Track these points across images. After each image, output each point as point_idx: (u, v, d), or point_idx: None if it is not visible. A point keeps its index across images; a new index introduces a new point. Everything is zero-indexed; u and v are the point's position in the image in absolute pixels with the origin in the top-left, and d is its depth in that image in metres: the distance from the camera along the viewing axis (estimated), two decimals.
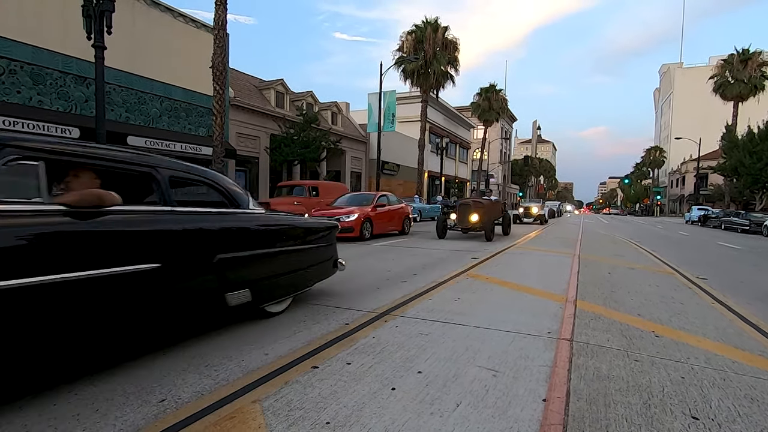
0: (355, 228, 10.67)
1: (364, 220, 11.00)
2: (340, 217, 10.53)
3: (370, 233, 11.33)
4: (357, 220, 10.80)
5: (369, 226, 11.27)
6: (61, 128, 12.01)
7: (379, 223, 11.85)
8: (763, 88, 35.38)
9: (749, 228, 22.55)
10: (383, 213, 12.26)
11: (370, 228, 11.29)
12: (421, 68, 26.93)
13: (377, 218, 11.78)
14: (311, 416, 2.15)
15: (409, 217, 13.94)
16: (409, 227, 13.97)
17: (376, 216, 11.72)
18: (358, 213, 10.98)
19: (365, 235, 11.05)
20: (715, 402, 2.44)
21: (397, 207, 13.31)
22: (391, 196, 13.64)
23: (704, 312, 4.63)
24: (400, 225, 13.27)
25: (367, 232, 11.16)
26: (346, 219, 10.60)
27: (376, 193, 12.92)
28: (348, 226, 10.55)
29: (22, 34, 11.79)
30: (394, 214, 12.95)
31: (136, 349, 2.99)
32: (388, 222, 12.55)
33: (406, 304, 4.48)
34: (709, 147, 47.35)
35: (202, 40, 16.43)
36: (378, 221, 11.80)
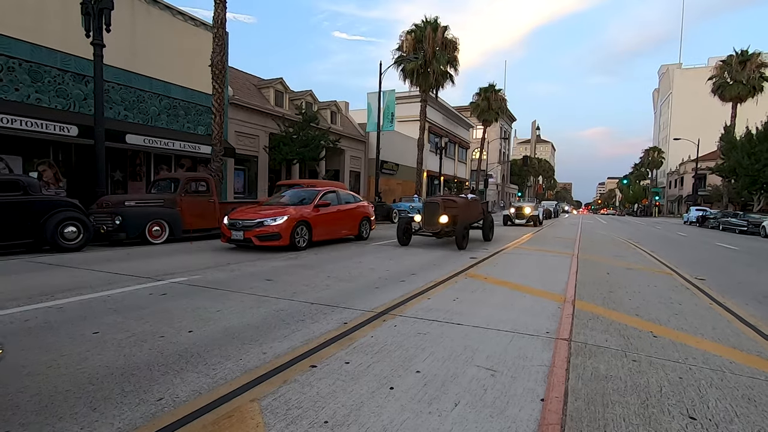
0: (282, 234, 8.36)
1: (297, 223, 8.68)
2: (264, 220, 8.43)
3: (308, 240, 9.00)
4: (286, 224, 8.45)
5: (306, 231, 8.94)
6: (60, 126, 11.97)
7: (323, 227, 9.58)
8: (762, 89, 35.44)
9: (747, 229, 22.60)
10: (329, 214, 9.86)
11: (307, 234, 8.98)
12: (421, 68, 26.90)
13: (320, 221, 9.46)
14: (309, 415, 2.15)
15: (369, 219, 11.62)
16: (369, 231, 11.66)
17: (318, 218, 9.38)
18: (288, 215, 8.60)
19: (299, 244, 8.74)
20: (712, 402, 2.45)
21: (351, 206, 10.93)
22: (344, 193, 11.17)
23: (702, 312, 4.64)
24: (355, 228, 11.00)
25: (303, 239, 8.86)
26: (271, 223, 8.38)
27: (320, 189, 10.33)
28: (272, 232, 8.32)
29: (21, 31, 11.75)
30: (345, 215, 10.58)
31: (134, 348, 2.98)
32: (338, 225, 10.30)
33: (404, 304, 4.48)
34: (707, 148, 47.44)
35: (202, 39, 16.40)
36: (321, 225, 9.51)
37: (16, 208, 7.51)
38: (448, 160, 42.44)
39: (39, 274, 5.81)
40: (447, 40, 27.58)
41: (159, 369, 2.69)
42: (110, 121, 13.07)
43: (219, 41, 13.03)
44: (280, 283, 5.47)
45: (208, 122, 16.48)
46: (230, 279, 5.66)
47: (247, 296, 4.69)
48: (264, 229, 8.35)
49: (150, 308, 4.11)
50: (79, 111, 13.08)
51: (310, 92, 24.72)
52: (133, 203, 9.85)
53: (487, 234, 11.75)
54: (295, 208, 9.06)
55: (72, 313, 3.91)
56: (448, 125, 42.46)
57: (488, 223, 11.85)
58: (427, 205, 10.32)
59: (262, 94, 22.41)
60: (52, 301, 4.28)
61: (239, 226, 8.50)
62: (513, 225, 20.02)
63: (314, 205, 9.46)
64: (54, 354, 2.89)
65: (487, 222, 11.82)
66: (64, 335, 3.28)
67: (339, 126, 27.20)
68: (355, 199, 11.42)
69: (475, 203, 11.63)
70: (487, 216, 12.01)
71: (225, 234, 8.71)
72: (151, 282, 5.33)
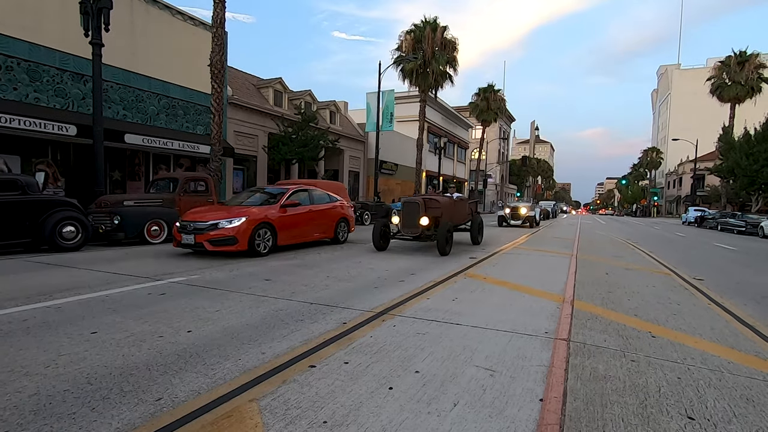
0: (239, 238, 7.38)
1: (258, 226, 7.69)
2: (219, 222, 7.42)
3: (272, 245, 8.03)
4: (244, 226, 7.45)
5: (269, 234, 7.97)
6: (58, 125, 11.96)
7: (290, 230, 8.58)
8: (760, 90, 35.52)
9: (745, 229, 22.65)
10: (299, 215, 8.84)
11: (271, 238, 8.00)
12: (420, 68, 26.91)
13: (288, 223, 8.47)
14: (308, 415, 2.15)
15: (346, 220, 10.58)
16: (347, 234, 10.64)
17: (284, 219, 8.38)
18: (247, 216, 7.62)
19: (261, 249, 7.77)
20: (711, 402, 2.45)
21: (325, 206, 9.89)
22: (318, 192, 10.08)
23: (701, 313, 4.65)
24: (330, 231, 9.98)
25: (266, 243, 7.88)
26: (227, 225, 7.38)
27: (288, 188, 9.23)
28: (227, 236, 7.33)
29: (19, 30, 11.73)
30: (319, 216, 9.57)
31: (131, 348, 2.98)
32: (310, 227, 9.28)
33: (403, 304, 4.48)
34: (706, 148, 47.56)
35: (201, 38, 16.39)
36: (289, 227, 8.50)
37: (14, 207, 7.49)
38: (447, 160, 42.48)
39: (37, 273, 5.80)
40: (446, 40, 27.59)
41: (158, 369, 2.68)
42: (109, 121, 13.05)
43: (218, 41, 13.01)
44: (279, 283, 5.46)
45: (207, 122, 16.47)
46: (229, 279, 5.66)
47: (246, 296, 4.68)
48: (218, 232, 7.34)
49: (149, 308, 4.11)
50: (78, 110, 13.07)
51: (309, 92, 24.71)
52: (131, 203, 9.84)
53: (475, 236, 10.78)
54: (259, 209, 8.08)
55: (70, 312, 3.90)
56: (447, 125, 42.49)
57: (477, 224, 10.85)
58: (405, 206, 9.09)
59: (261, 94, 22.39)
60: (50, 301, 4.27)
61: (190, 228, 7.49)
62: (509, 226, 19.19)
63: (280, 205, 8.42)
64: (52, 354, 2.89)
65: (476, 223, 10.84)
66: (63, 335, 3.27)
67: (338, 126, 27.19)
68: (331, 198, 10.40)
69: (462, 203, 10.70)
70: (475, 217, 11.05)
71: (176, 238, 7.73)
72: (149, 282, 5.33)
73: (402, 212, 9.09)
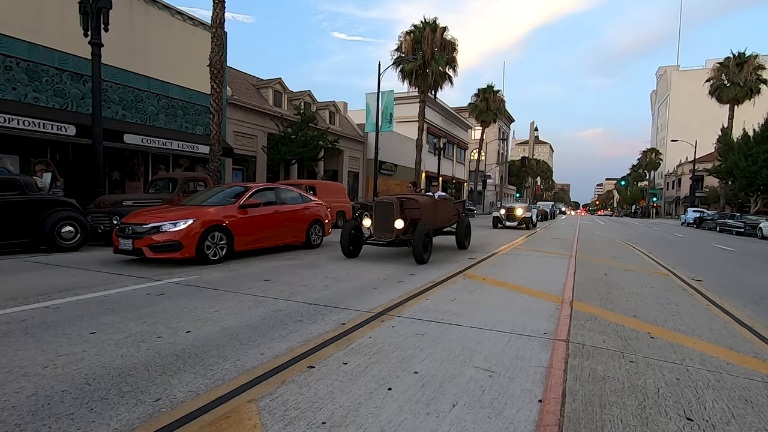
0: (185, 243, 6.48)
1: (209, 229, 6.80)
2: (162, 224, 6.55)
3: (226, 251, 7.13)
4: (190, 230, 6.57)
5: (223, 239, 7.09)
6: (57, 125, 11.95)
7: (251, 234, 7.68)
8: (759, 91, 35.59)
9: (744, 230, 22.69)
10: (262, 217, 7.91)
11: (226, 242, 7.13)
12: (419, 68, 26.93)
13: (247, 225, 7.57)
14: (307, 416, 2.15)
15: (321, 222, 9.65)
16: (321, 237, 9.70)
17: (244, 222, 7.49)
18: (196, 217, 6.74)
19: (213, 255, 6.87)
20: (709, 403, 2.46)
21: (295, 207, 8.99)
22: (287, 191, 9.15)
23: (699, 314, 4.65)
24: (301, 234, 9.05)
25: (219, 249, 7.00)
26: (170, 228, 6.51)
27: (250, 186, 8.33)
28: (169, 241, 6.45)
29: (18, 30, 11.72)
30: (287, 217, 8.64)
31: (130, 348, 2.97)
32: (276, 230, 8.30)
33: (402, 304, 4.48)
34: (705, 149, 47.62)
35: (200, 38, 16.38)
36: (249, 230, 7.61)
37: (13, 207, 7.48)
38: (447, 160, 42.51)
39: (36, 273, 5.79)
40: (446, 41, 27.63)
41: (156, 369, 2.68)
42: (108, 121, 13.04)
43: (217, 41, 13.01)
44: (278, 283, 5.46)
45: (207, 122, 16.46)
46: (228, 279, 5.65)
47: (244, 297, 4.68)
48: (160, 236, 6.48)
49: (147, 308, 4.10)
50: (77, 110, 13.05)
51: (308, 92, 24.72)
52: (130, 203, 9.82)
53: (462, 240, 9.77)
54: (215, 209, 7.28)
55: (69, 313, 3.89)
56: (446, 126, 42.52)
57: (463, 227, 9.83)
58: (378, 207, 7.96)
59: (261, 94, 22.39)
60: (49, 301, 4.27)
61: (128, 232, 6.64)
62: (504, 228, 18.47)
63: (239, 206, 7.54)
64: (51, 354, 2.88)
65: (462, 226, 9.81)
66: (61, 335, 3.27)
67: (337, 126, 27.20)
68: (303, 198, 9.50)
69: (446, 203, 9.67)
70: (462, 219, 10.09)
71: (114, 242, 6.91)
72: (148, 282, 5.32)
73: (374, 214, 7.95)
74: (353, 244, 8.02)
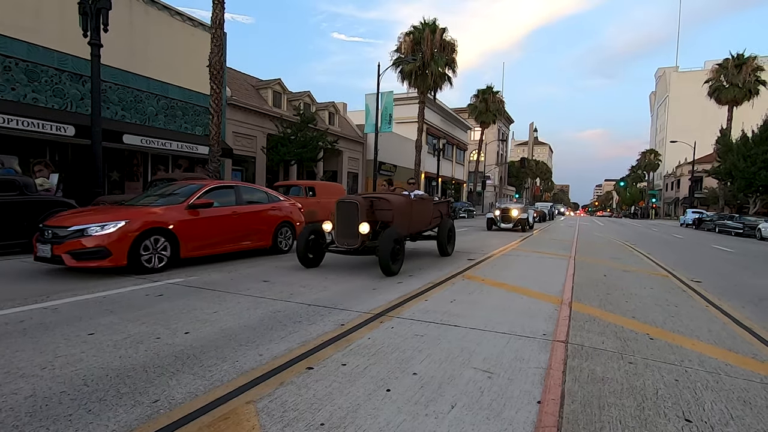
0: (113, 250, 5.52)
1: (144, 233, 5.83)
2: (87, 227, 5.58)
3: (170, 258, 6.17)
4: (121, 233, 5.60)
5: (165, 244, 6.13)
6: (57, 126, 11.93)
7: (203, 238, 6.76)
8: (758, 92, 35.67)
9: (743, 231, 22.72)
10: (216, 219, 7.00)
11: (168, 248, 6.15)
12: (419, 69, 26.96)
13: (198, 228, 6.65)
14: (306, 417, 2.14)
15: (291, 224, 8.65)
16: (291, 241, 8.65)
17: (193, 224, 6.56)
18: (129, 219, 5.78)
19: (151, 263, 5.93)
20: (708, 404, 2.46)
21: (259, 208, 8.04)
22: (250, 190, 8.26)
23: (698, 315, 4.66)
24: (267, 238, 8.06)
25: (160, 256, 6.06)
26: (97, 232, 5.55)
27: (204, 183, 7.40)
28: (95, 247, 5.48)
29: (18, 30, 11.71)
30: (249, 219, 7.67)
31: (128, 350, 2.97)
32: (235, 233, 7.37)
33: (401, 305, 4.48)
34: (704, 150, 47.69)
35: (200, 39, 16.38)
36: (198, 234, 6.66)
37: (11, 207, 7.47)
38: (446, 161, 42.53)
39: (34, 274, 5.78)
40: (445, 41, 27.65)
41: (155, 370, 2.68)
42: (107, 121, 13.03)
43: (217, 41, 13.01)
44: (277, 284, 5.46)
45: (206, 123, 16.46)
46: (227, 280, 5.65)
47: (243, 297, 4.68)
48: (84, 241, 5.48)
49: (146, 309, 4.10)
50: (76, 111, 13.04)
51: (308, 93, 24.72)
52: None
53: (444, 246, 8.60)
54: (157, 209, 6.37)
55: (67, 314, 3.89)
56: (445, 127, 42.56)
57: (446, 231, 8.67)
58: (340, 207, 6.77)
59: (260, 95, 22.39)
60: (47, 302, 4.26)
61: (48, 236, 5.67)
62: (499, 230, 17.42)
63: (187, 206, 6.59)
64: (49, 355, 2.88)
65: (444, 230, 8.66)
66: (60, 336, 3.26)
67: (337, 127, 27.20)
68: (271, 198, 8.50)
69: (424, 203, 8.41)
70: (445, 221, 8.95)
71: (33, 249, 5.94)
72: (147, 283, 5.31)
73: (335, 216, 6.79)
74: (313, 251, 6.89)
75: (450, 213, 9.84)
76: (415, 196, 8.28)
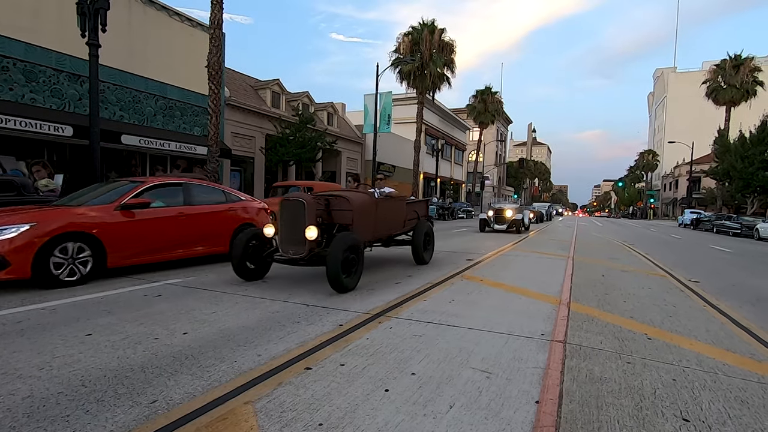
0: (12, 259, 4.61)
1: (55, 238, 4.91)
2: None
3: (93, 267, 5.23)
4: (24, 239, 4.69)
5: (86, 251, 5.18)
6: (55, 126, 11.90)
7: (137, 244, 5.76)
8: (755, 93, 35.79)
9: (741, 231, 22.78)
10: (155, 221, 6.03)
11: (90, 255, 5.21)
12: (418, 70, 26.97)
13: (129, 232, 5.67)
14: (304, 417, 2.14)
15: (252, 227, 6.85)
16: None
17: (123, 227, 5.60)
18: (35, 222, 4.83)
19: (65, 275, 4.97)
20: (705, 404, 2.46)
21: (213, 209, 6.97)
22: (202, 188, 7.12)
23: (696, 315, 4.67)
24: (223, 242, 7.06)
25: (77, 266, 5.10)
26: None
27: (141, 180, 6.37)
28: None
29: (16, 30, 11.68)
30: (194, 222, 6.60)
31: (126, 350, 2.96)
32: (181, 238, 6.39)
33: (400, 306, 4.48)
34: (701, 151, 47.83)
35: (198, 39, 16.36)
36: (131, 239, 5.70)
37: None
38: (445, 162, 42.55)
39: None
40: (444, 42, 27.68)
41: (153, 371, 2.67)
42: (106, 122, 13.00)
43: (215, 42, 12.99)
44: (275, 284, 5.45)
45: (204, 123, 16.44)
46: (225, 280, 5.64)
47: (242, 298, 4.67)
48: None
49: (144, 310, 4.09)
50: (74, 111, 13.01)
51: (306, 93, 24.71)
52: None
53: (420, 252, 7.31)
54: (78, 211, 5.38)
55: (65, 314, 3.88)
56: (444, 127, 42.58)
57: (422, 235, 7.36)
58: (284, 208, 5.44)
59: (259, 95, 22.37)
60: (45, 303, 4.25)
61: None
62: (493, 232, 16.34)
63: (118, 206, 5.60)
64: (46, 356, 2.87)
65: (420, 233, 7.36)
66: (57, 337, 3.25)
67: (336, 127, 27.19)
68: (230, 197, 7.45)
69: (394, 204, 7.12)
70: (421, 224, 7.61)
71: None
72: (145, 283, 5.30)
73: (279, 219, 5.48)
74: (254, 260, 5.68)
75: (429, 214, 8.62)
76: (381, 193, 7.05)
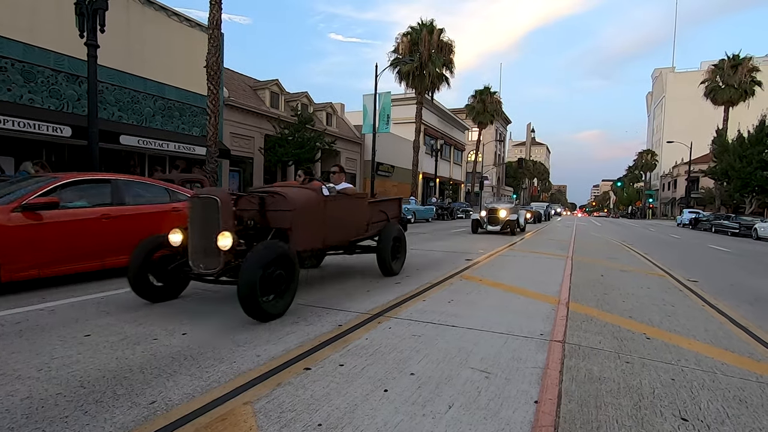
0: None
1: None
2: None
3: None
4: None
5: None
6: (53, 126, 11.87)
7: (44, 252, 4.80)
8: (753, 93, 35.90)
9: (739, 231, 22.82)
10: (69, 224, 5.05)
11: None
12: (416, 70, 27.01)
13: (33, 237, 4.73)
14: (303, 418, 2.14)
15: None
16: None
17: (25, 232, 4.66)
18: None
19: None
20: (704, 404, 2.47)
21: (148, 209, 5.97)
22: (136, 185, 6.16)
23: (695, 314, 4.67)
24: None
25: None
26: None
27: (60, 176, 5.37)
28: None
29: (14, 31, 11.66)
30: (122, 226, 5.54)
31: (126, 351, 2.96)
32: (104, 244, 5.36)
33: (399, 306, 4.48)
34: (700, 151, 47.91)
35: (197, 40, 16.34)
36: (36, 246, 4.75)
37: None
38: (444, 162, 42.56)
39: None
40: (443, 42, 27.71)
41: (152, 372, 2.67)
42: (104, 122, 12.97)
43: (214, 42, 12.99)
44: None
45: (203, 123, 16.41)
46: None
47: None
48: None
49: (143, 310, 4.09)
50: (73, 111, 12.99)
51: (305, 94, 24.70)
52: None
53: (387, 261, 6.10)
54: None
55: (64, 315, 3.87)
56: (443, 127, 42.59)
57: (389, 240, 6.12)
58: (193, 206, 4.14)
59: (258, 96, 22.36)
60: (43, 303, 4.24)
61: None
62: (486, 233, 15.31)
63: (18, 206, 4.65)
64: (45, 357, 2.86)
65: (388, 239, 6.11)
66: (56, 338, 3.25)
67: (335, 128, 27.19)
68: (174, 196, 6.45)
69: (352, 203, 5.77)
70: (389, 227, 6.32)
71: None
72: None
73: (189, 222, 4.15)
74: (160, 275, 4.43)
75: (401, 215, 7.16)
76: (335, 190, 5.49)
